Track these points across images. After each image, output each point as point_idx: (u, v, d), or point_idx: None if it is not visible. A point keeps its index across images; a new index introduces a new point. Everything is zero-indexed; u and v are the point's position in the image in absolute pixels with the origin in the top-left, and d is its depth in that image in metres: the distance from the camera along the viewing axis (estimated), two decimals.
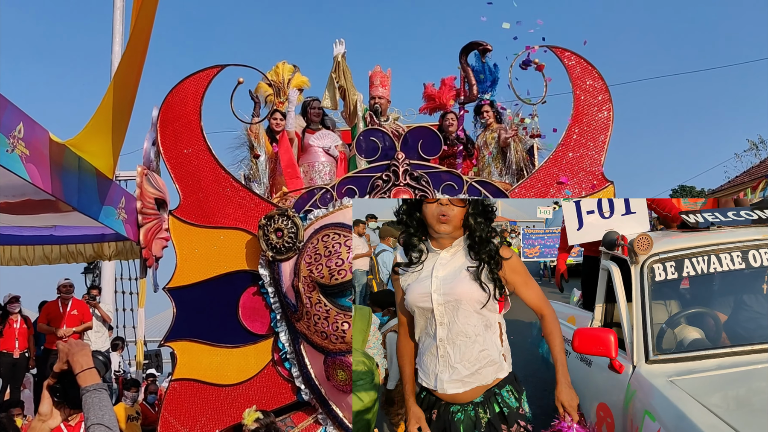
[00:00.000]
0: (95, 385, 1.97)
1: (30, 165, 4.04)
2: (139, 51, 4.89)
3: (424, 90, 6.91)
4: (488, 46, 6.22)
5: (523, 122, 6.03)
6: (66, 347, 2.05)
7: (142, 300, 8.01)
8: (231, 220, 5.39)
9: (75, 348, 2.04)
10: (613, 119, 5.52)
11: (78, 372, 1.99)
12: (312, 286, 4.94)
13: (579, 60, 5.60)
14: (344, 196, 5.33)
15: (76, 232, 7.42)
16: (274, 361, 5.24)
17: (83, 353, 2.03)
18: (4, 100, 3.77)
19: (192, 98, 5.44)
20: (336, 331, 4.88)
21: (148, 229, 5.63)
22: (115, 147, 5.05)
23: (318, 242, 5.02)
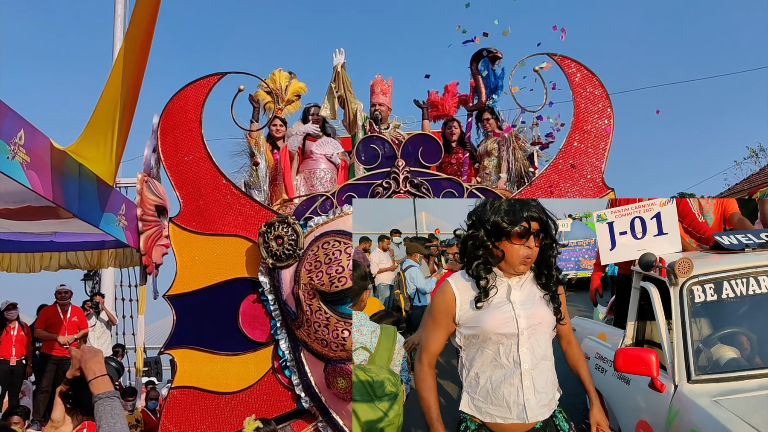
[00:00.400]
0: (107, 393, 1.97)
1: (31, 172, 4.04)
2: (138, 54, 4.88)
3: (428, 97, 6.91)
4: (498, 53, 6.24)
5: (519, 139, 6.05)
6: (79, 354, 2.04)
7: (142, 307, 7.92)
8: (231, 228, 5.39)
9: (88, 354, 2.04)
10: (614, 127, 5.53)
11: (91, 379, 1.99)
12: (312, 293, 4.93)
13: (579, 67, 5.61)
14: (344, 203, 5.33)
15: (77, 239, 7.41)
16: (274, 368, 5.23)
17: (96, 360, 2.02)
18: (5, 107, 3.78)
19: (193, 106, 5.46)
20: (336, 338, 4.87)
21: (149, 236, 5.63)
22: (116, 154, 5.05)
23: (318, 249, 5.01)
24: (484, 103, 6.38)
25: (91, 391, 1.97)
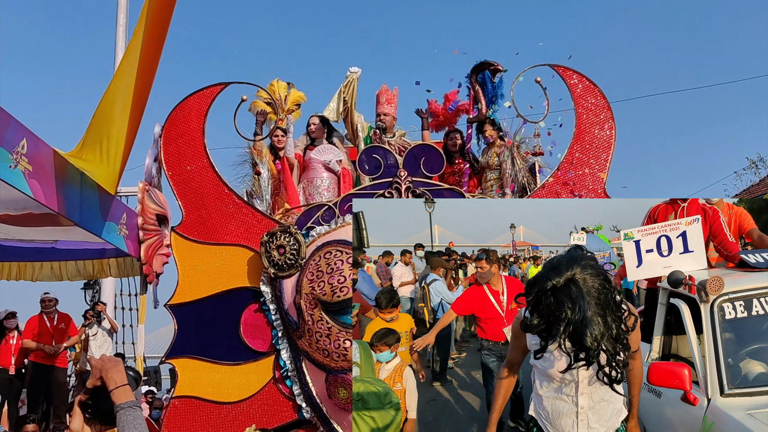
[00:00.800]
0: (129, 403, 1.97)
1: (33, 181, 4.04)
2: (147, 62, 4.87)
3: (428, 106, 6.92)
4: (499, 66, 6.24)
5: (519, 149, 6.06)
6: (99, 363, 2.04)
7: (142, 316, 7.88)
8: (233, 237, 5.39)
9: (108, 364, 2.03)
10: (615, 137, 5.53)
11: (112, 389, 1.98)
12: (314, 303, 4.92)
13: (581, 78, 5.62)
14: (347, 213, 5.33)
15: (78, 247, 7.39)
16: (275, 378, 5.22)
17: (117, 369, 2.02)
18: (8, 115, 3.77)
19: (195, 115, 5.47)
20: (338, 348, 4.86)
21: (149, 245, 5.61)
22: (120, 163, 5.05)
23: (320, 259, 5.01)
24: (485, 115, 6.38)
25: (112, 401, 1.96)
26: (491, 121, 6.42)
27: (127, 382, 2.01)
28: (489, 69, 6.30)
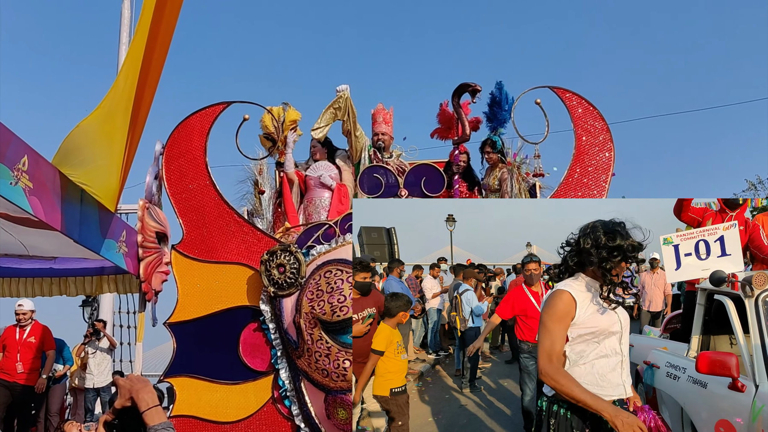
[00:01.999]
0: (163, 424, 1.94)
1: (33, 198, 4.04)
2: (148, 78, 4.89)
3: (439, 110, 6.89)
4: (477, 87, 6.23)
5: (519, 170, 6.07)
6: (128, 383, 2.01)
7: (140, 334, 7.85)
8: (233, 255, 5.39)
9: (138, 384, 2.00)
10: (615, 159, 5.56)
11: (144, 410, 1.95)
12: (313, 322, 4.91)
13: (580, 100, 5.66)
14: (347, 232, 5.32)
15: (76, 265, 7.39)
16: (274, 398, 5.19)
17: (148, 390, 1.99)
18: (9, 132, 3.79)
19: (198, 134, 5.49)
20: (337, 368, 4.84)
21: (149, 262, 5.61)
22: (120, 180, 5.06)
23: (320, 278, 5.00)
24: (468, 136, 6.38)
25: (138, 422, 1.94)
26: (492, 144, 6.43)
27: (158, 403, 1.99)
28: (468, 90, 6.25)
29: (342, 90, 6.32)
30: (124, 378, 2.06)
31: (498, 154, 6.38)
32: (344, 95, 6.27)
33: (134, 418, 1.97)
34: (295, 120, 6.46)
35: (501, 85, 6.48)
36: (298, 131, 6.52)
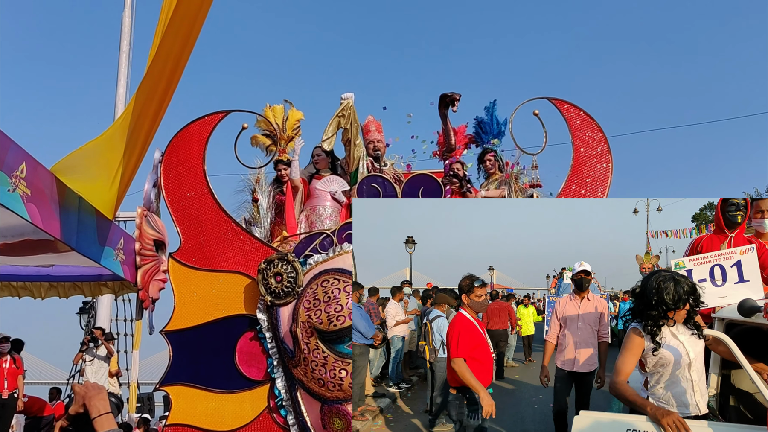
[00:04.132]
0: (112, 431, 1.95)
1: (30, 205, 4.04)
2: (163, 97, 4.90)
3: (438, 138, 6.93)
4: (456, 95, 6.21)
5: (517, 181, 6.07)
6: (83, 390, 2.02)
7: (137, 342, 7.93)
8: (231, 264, 5.39)
9: (92, 391, 2.01)
10: (612, 171, 5.56)
11: (95, 417, 1.96)
12: (310, 331, 4.90)
13: (578, 112, 5.67)
14: (344, 241, 5.32)
15: (74, 272, 7.39)
16: (269, 407, 5.18)
17: (100, 397, 2.00)
18: (8, 139, 3.79)
19: (196, 143, 5.49)
20: (333, 378, 4.83)
21: (146, 270, 5.61)
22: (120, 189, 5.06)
23: (317, 287, 5.00)
24: (454, 146, 6.38)
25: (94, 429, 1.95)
26: (494, 152, 6.44)
27: (110, 410, 1.99)
28: (447, 101, 6.20)
29: (347, 98, 6.32)
30: (80, 385, 2.07)
31: (498, 161, 6.38)
32: (349, 103, 6.28)
33: (88, 425, 1.98)
34: (298, 119, 6.47)
35: (491, 108, 6.49)
36: (299, 133, 6.53)
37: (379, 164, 6.39)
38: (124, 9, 12.96)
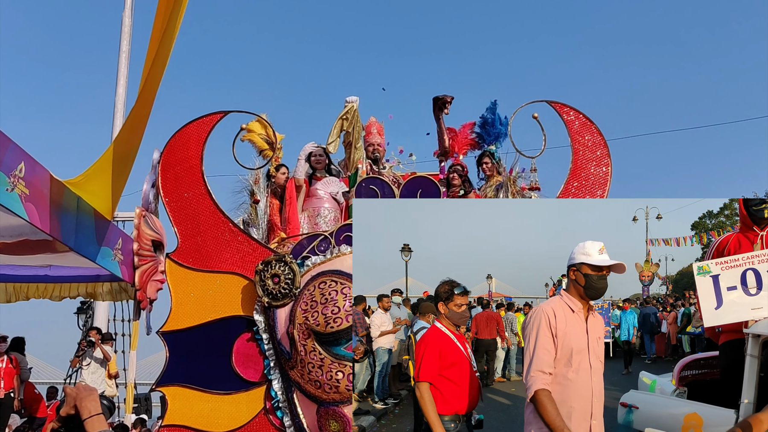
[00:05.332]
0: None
1: (29, 204, 4.04)
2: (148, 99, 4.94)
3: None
4: (447, 97, 6.22)
5: (515, 184, 6.07)
6: (74, 391, 2.03)
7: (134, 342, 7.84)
8: (228, 265, 5.38)
9: (83, 393, 2.02)
10: (612, 174, 5.56)
11: (86, 418, 1.97)
12: (307, 333, 4.90)
13: (578, 115, 5.67)
14: (342, 243, 5.32)
15: (71, 273, 7.37)
16: (266, 409, 5.17)
17: (91, 398, 2.01)
18: (7, 139, 3.79)
19: (194, 143, 5.49)
20: (330, 380, 4.82)
21: (144, 271, 5.60)
22: (117, 189, 5.07)
23: (315, 289, 4.99)
24: (447, 149, 6.38)
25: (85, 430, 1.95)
26: (491, 155, 6.44)
27: (101, 411, 2.00)
28: (439, 103, 6.22)
29: (352, 101, 6.31)
30: (72, 386, 2.08)
31: (496, 164, 6.38)
32: (353, 107, 6.28)
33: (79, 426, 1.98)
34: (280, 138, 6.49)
35: (494, 107, 6.49)
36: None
37: (378, 167, 6.38)
38: (124, 9, 12.97)
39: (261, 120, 6.32)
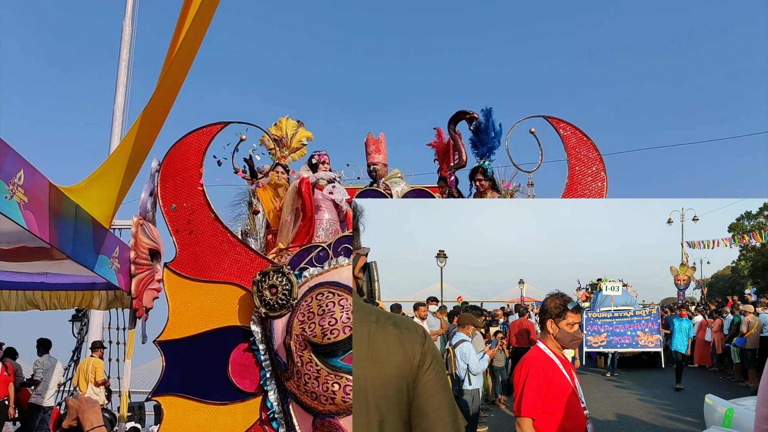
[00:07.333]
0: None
1: (27, 212, 4.06)
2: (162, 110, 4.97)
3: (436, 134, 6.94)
4: (474, 114, 6.25)
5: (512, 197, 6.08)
6: (76, 403, 2.04)
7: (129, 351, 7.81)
8: (226, 275, 5.39)
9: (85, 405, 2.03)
10: (607, 189, 5.60)
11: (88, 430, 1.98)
12: (304, 344, 4.90)
13: (574, 130, 5.71)
14: (340, 254, 5.33)
15: (68, 280, 7.38)
16: (261, 420, 5.16)
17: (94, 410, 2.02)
18: (7, 147, 3.81)
19: (194, 153, 5.51)
20: (326, 392, 4.82)
21: (140, 279, 5.61)
22: (117, 197, 5.08)
23: (312, 300, 5.00)
24: (465, 162, 6.37)
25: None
26: (483, 171, 6.42)
27: (103, 424, 2.01)
28: (465, 118, 6.25)
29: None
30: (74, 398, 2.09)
31: (489, 181, 6.32)
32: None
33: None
34: (306, 138, 6.51)
35: (489, 113, 6.49)
36: (303, 151, 6.57)
37: (378, 184, 6.41)
38: (124, 17, 13.01)
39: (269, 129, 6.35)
